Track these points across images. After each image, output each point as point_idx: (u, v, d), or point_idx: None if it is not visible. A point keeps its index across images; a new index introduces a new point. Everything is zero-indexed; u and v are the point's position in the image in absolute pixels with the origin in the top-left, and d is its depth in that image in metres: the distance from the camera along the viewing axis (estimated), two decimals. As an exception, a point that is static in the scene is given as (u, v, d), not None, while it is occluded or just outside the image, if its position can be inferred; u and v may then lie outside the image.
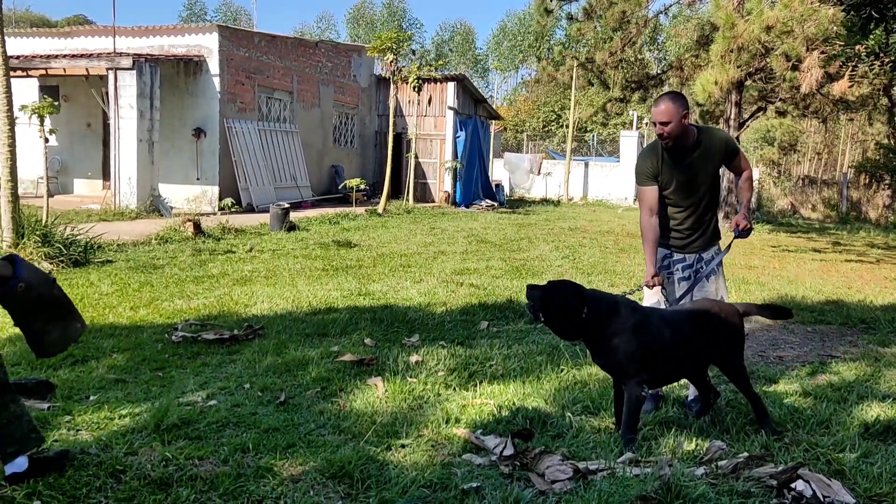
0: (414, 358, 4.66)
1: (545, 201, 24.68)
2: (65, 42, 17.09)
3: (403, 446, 3.23)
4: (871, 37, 17.91)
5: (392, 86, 17.40)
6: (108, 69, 13.48)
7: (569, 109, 28.74)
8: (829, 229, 18.89)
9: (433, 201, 20.62)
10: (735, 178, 4.09)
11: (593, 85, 18.73)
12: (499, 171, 26.85)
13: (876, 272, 10.51)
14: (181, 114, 15.31)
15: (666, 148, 3.80)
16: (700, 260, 3.94)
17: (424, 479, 2.82)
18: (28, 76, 14.45)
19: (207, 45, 15.31)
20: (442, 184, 20.99)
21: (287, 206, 12.70)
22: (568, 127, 28.16)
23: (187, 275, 7.80)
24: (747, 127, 17.94)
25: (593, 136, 34.77)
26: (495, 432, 3.36)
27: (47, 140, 9.96)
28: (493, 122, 26.27)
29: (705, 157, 3.81)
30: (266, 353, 4.74)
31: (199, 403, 3.74)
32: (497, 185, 22.97)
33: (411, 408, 3.77)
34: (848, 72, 14.80)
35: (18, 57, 13.51)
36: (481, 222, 15.75)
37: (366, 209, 16.23)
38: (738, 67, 13.22)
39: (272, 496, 2.69)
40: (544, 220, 17.02)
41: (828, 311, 6.94)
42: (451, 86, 20.85)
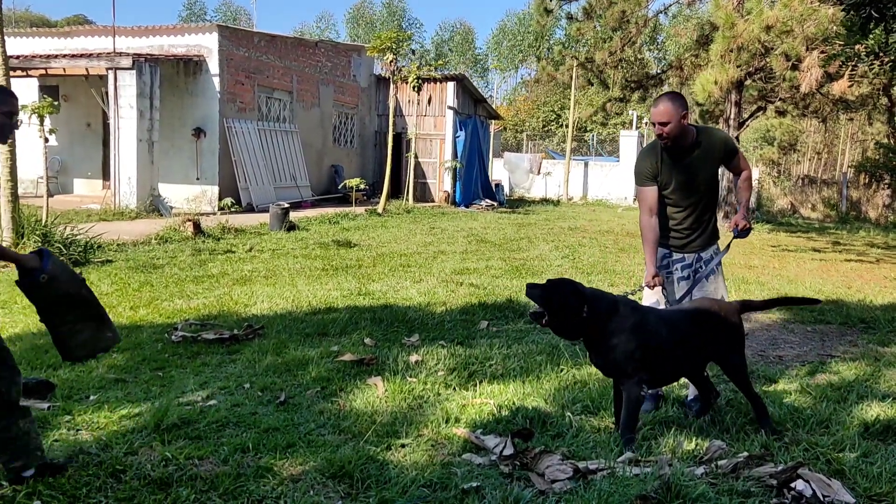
0: (414, 357, 4.66)
1: (545, 201, 24.67)
2: (64, 42, 17.09)
3: (403, 446, 3.23)
4: (871, 36, 17.90)
5: (392, 85, 17.40)
6: (107, 69, 13.48)
7: (568, 109, 28.74)
8: (828, 229, 18.89)
9: (433, 201, 20.62)
10: (734, 178, 4.11)
11: (593, 84, 18.74)
12: (498, 170, 26.84)
13: (876, 272, 10.51)
14: (181, 113, 15.31)
15: (665, 148, 3.80)
16: (699, 259, 3.94)
17: (424, 479, 2.83)
18: (28, 76, 14.45)
19: (207, 44, 15.31)
20: (442, 183, 20.99)
21: (287, 205, 12.69)
22: (568, 127, 28.16)
23: (187, 274, 7.80)
24: (747, 126, 17.94)
25: (593, 135, 34.76)
26: (495, 432, 3.36)
27: (47, 140, 9.95)
28: (493, 121, 26.27)
29: (704, 157, 3.82)
30: (266, 353, 4.74)
31: (199, 403, 3.74)
32: (497, 185, 22.97)
33: (411, 407, 3.77)
34: (848, 71, 14.80)
35: (18, 57, 13.51)
36: (481, 222, 15.75)
37: (365, 209, 16.23)
38: (738, 67, 13.22)
39: (272, 496, 2.70)
40: (544, 220, 17.02)
41: (827, 311, 6.94)
42: (450, 85, 20.86)
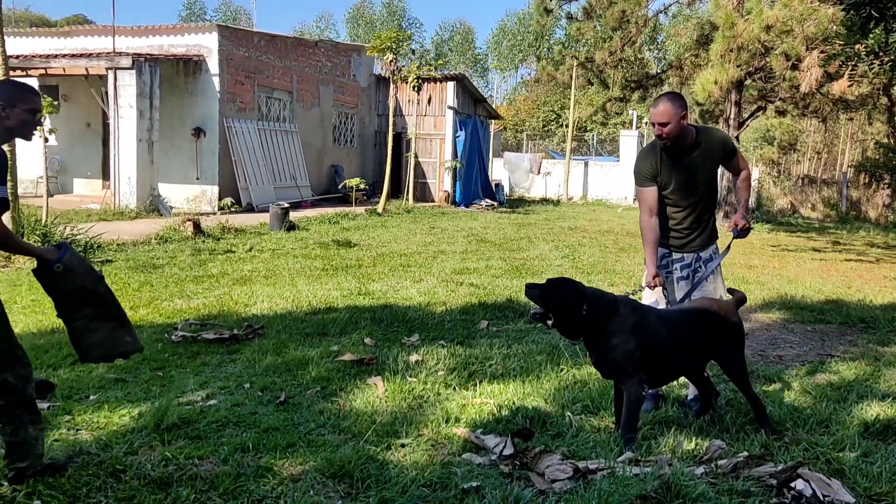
0: (414, 357, 4.66)
1: (545, 201, 24.67)
2: (64, 42, 17.09)
3: (403, 446, 3.23)
4: (871, 36, 17.90)
5: (392, 85, 17.39)
6: (107, 69, 13.48)
7: (568, 109, 28.74)
8: (828, 229, 18.89)
9: (433, 201, 20.62)
10: (733, 178, 4.12)
11: (593, 84, 18.76)
12: (498, 170, 26.83)
13: (875, 271, 10.51)
14: (181, 113, 15.30)
15: (664, 148, 3.80)
16: (698, 259, 3.94)
17: (424, 479, 2.83)
18: (27, 76, 14.42)
19: (207, 44, 15.31)
20: (441, 183, 20.98)
21: (287, 205, 12.69)
22: (568, 126, 28.15)
23: (187, 274, 7.80)
24: (747, 126, 17.95)
25: (593, 135, 34.74)
26: (495, 432, 3.36)
27: (47, 140, 9.95)
28: (493, 121, 26.26)
29: (704, 157, 3.82)
30: (266, 353, 4.74)
31: (199, 403, 3.74)
32: (497, 185, 22.96)
33: (411, 407, 3.77)
34: (847, 71, 14.81)
35: (18, 57, 13.51)
36: (481, 222, 15.74)
37: (365, 209, 16.23)
38: (738, 67, 13.23)
39: (272, 496, 2.70)
40: (544, 220, 17.02)
41: (827, 311, 6.94)
42: (450, 85, 20.85)
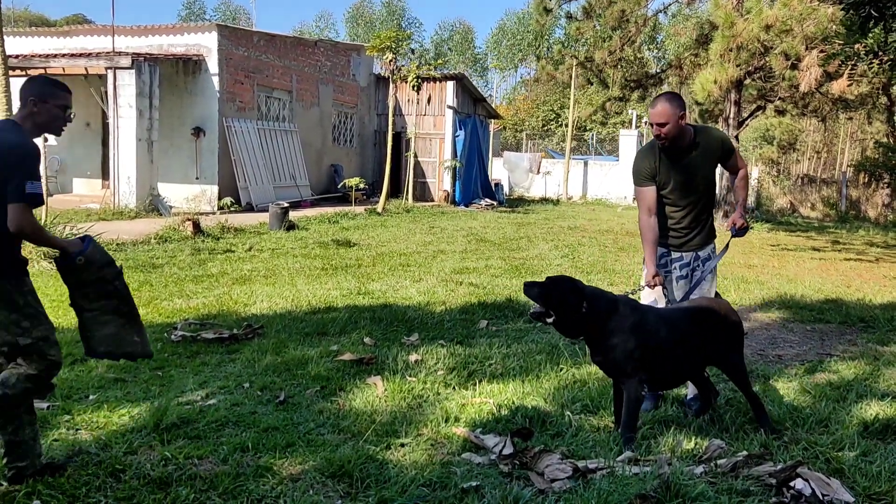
0: (413, 357, 4.66)
1: (544, 200, 24.66)
2: (64, 41, 17.07)
3: (403, 445, 3.23)
4: (870, 35, 17.92)
5: (391, 85, 17.39)
6: (107, 68, 13.47)
7: (568, 108, 28.72)
8: (828, 228, 18.89)
9: (432, 200, 20.62)
10: (731, 177, 4.12)
11: (592, 84, 18.81)
12: (498, 170, 26.82)
13: (875, 271, 10.51)
14: (180, 113, 15.30)
15: (663, 148, 3.81)
16: (697, 258, 3.94)
17: (424, 478, 2.83)
18: (27, 76, 14.41)
19: (206, 44, 15.30)
20: (441, 183, 20.98)
21: (286, 205, 12.69)
22: (567, 126, 28.15)
23: (186, 274, 7.80)
24: (746, 126, 17.95)
25: (592, 135, 34.74)
26: (494, 431, 3.36)
27: (46, 139, 9.94)
28: (493, 121, 26.26)
29: (703, 156, 3.83)
30: (265, 353, 4.74)
31: (199, 403, 3.74)
32: (496, 184, 22.95)
33: (411, 407, 3.77)
34: (847, 70, 14.80)
35: (17, 56, 13.50)
36: (480, 221, 15.74)
37: (365, 208, 16.23)
38: (738, 66, 13.23)
39: (272, 495, 2.70)
40: (543, 219, 17.02)
41: (827, 310, 6.94)
42: (450, 85, 20.85)
